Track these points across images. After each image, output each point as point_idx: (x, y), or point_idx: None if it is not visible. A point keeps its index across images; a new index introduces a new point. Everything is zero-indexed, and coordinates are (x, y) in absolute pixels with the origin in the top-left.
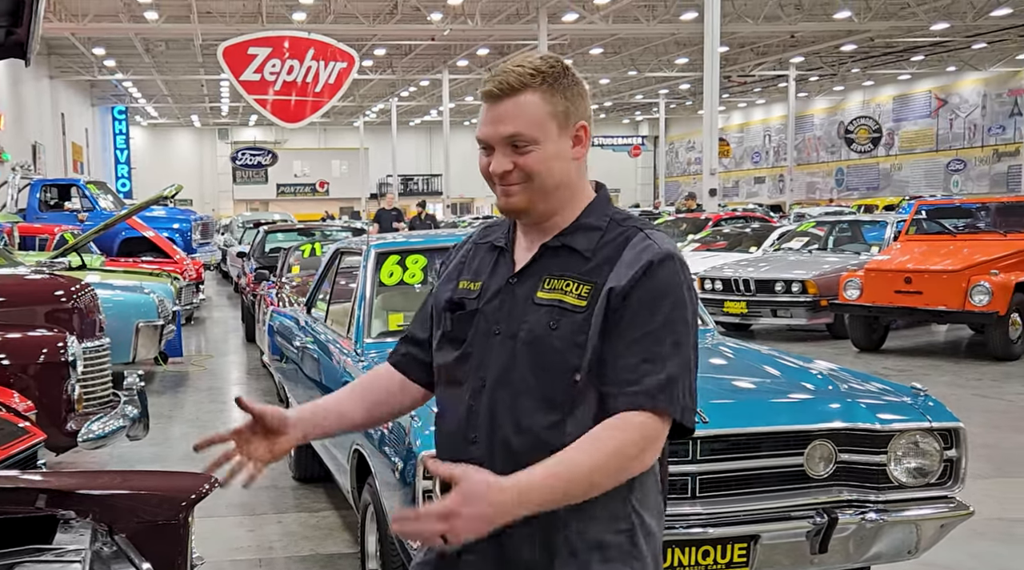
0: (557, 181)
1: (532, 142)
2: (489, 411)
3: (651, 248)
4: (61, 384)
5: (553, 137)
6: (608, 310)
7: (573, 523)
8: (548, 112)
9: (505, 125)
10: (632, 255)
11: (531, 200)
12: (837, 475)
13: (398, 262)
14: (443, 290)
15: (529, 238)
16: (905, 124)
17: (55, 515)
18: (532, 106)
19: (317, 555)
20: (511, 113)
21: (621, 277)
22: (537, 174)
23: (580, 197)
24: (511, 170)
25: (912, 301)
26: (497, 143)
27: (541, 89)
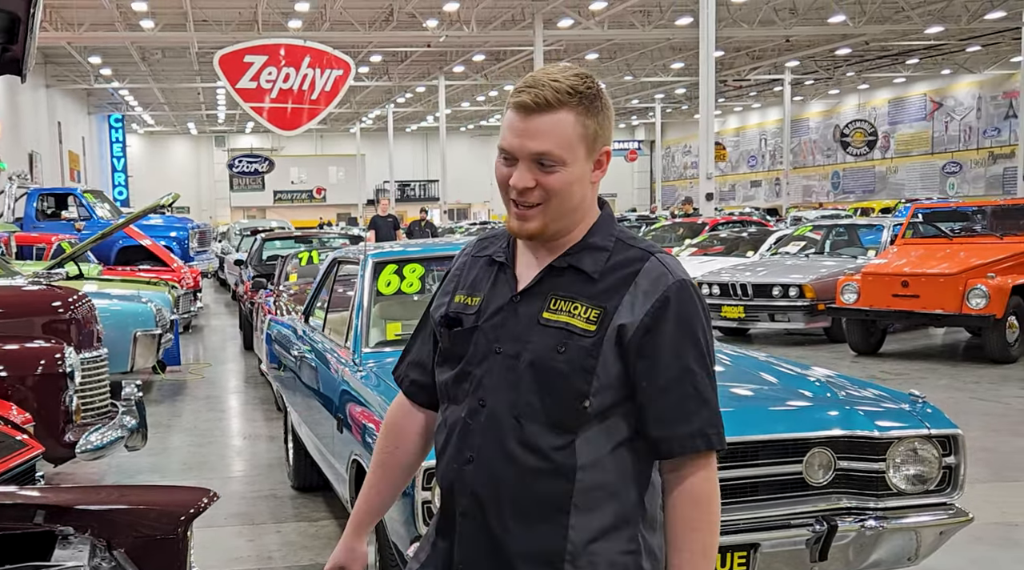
0: (575, 204)
1: (560, 163)
2: (488, 431)
3: (665, 277)
4: (59, 395)
5: (580, 160)
6: (627, 343)
7: (582, 546)
8: (580, 134)
9: (537, 141)
10: (647, 284)
11: (545, 224)
12: (836, 483)
13: (396, 271)
14: (439, 306)
15: (531, 254)
16: (900, 127)
17: (53, 531)
18: (566, 126)
19: (316, 564)
20: (544, 130)
21: (636, 308)
22: (557, 195)
23: (588, 216)
24: (533, 187)
25: (909, 305)
26: (523, 157)
27: (577, 110)
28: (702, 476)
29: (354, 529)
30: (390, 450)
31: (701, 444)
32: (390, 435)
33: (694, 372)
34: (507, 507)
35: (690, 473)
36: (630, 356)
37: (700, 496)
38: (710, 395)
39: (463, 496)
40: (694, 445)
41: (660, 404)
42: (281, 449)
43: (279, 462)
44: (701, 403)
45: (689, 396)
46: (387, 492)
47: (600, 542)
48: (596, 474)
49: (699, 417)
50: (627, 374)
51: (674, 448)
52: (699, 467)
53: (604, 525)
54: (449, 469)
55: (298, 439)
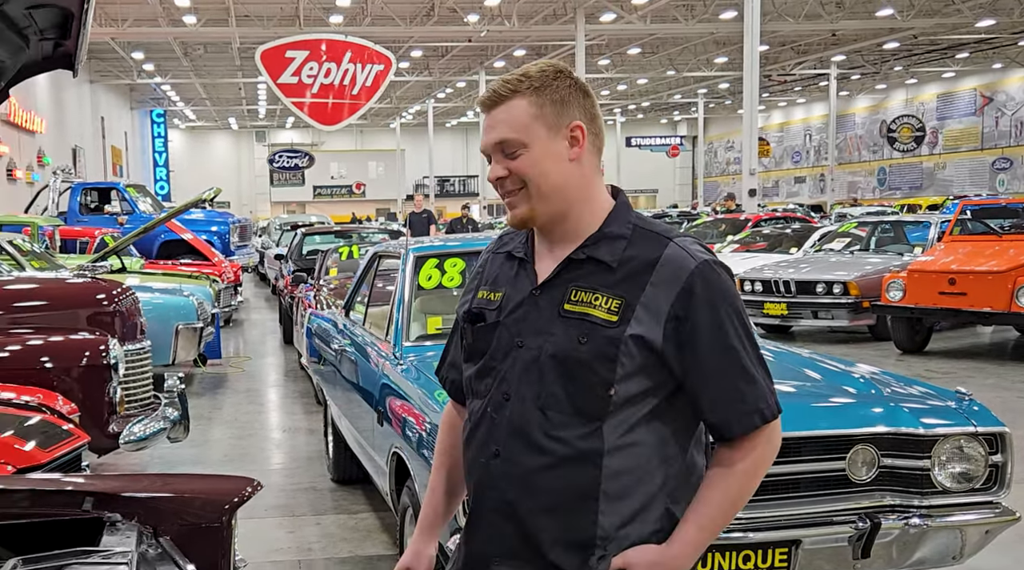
0: (553, 183)
1: (520, 146)
2: (513, 424)
3: (687, 261)
4: (103, 387)
5: (542, 139)
6: (660, 335)
7: (614, 530)
8: (533, 114)
9: (494, 132)
10: (670, 271)
11: (532, 207)
12: (880, 480)
13: (436, 265)
14: (463, 303)
15: (549, 248)
16: (949, 122)
17: (101, 518)
18: (517, 110)
19: (356, 557)
20: (499, 120)
21: (660, 296)
22: (529, 178)
23: (597, 203)
24: (505, 176)
25: (956, 302)
26: (491, 151)
27: (527, 94)
28: (762, 443)
29: (421, 532)
30: (447, 451)
31: (758, 420)
32: (446, 436)
33: (736, 350)
34: (536, 498)
35: (749, 449)
36: (665, 346)
37: (758, 458)
38: (756, 369)
39: (491, 490)
40: (752, 422)
41: (711, 390)
42: (321, 442)
43: (318, 455)
44: (749, 380)
45: (736, 376)
46: (450, 493)
47: (630, 526)
48: (623, 460)
49: (751, 394)
50: (656, 361)
51: (734, 430)
52: (759, 442)
53: (633, 509)
54: (475, 464)
55: (338, 432)
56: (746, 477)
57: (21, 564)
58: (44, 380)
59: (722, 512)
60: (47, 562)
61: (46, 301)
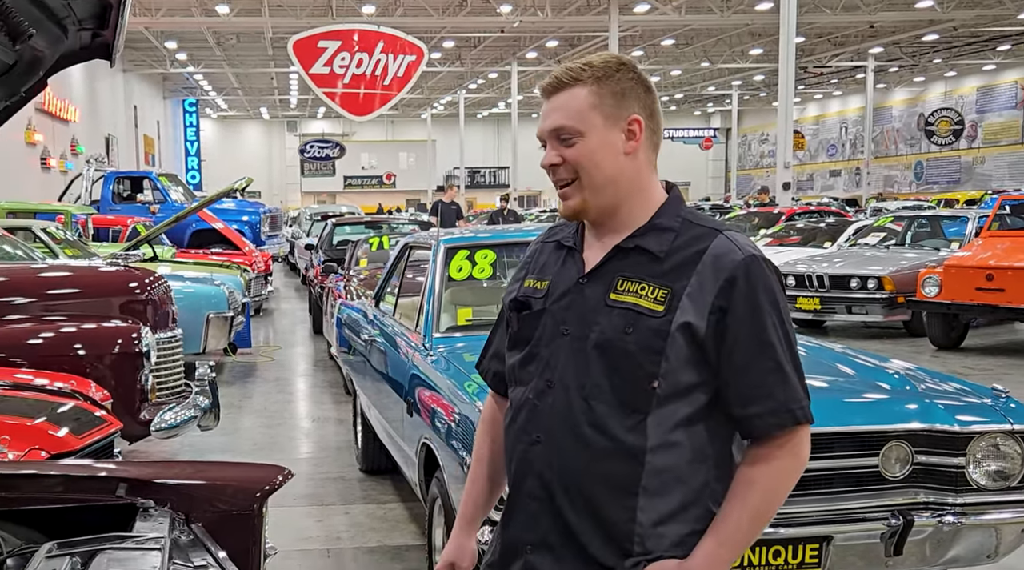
0: (607, 175)
1: (576, 134)
2: (556, 412)
3: (734, 253)
4: (135, 374)
5: (598, 129)
6: (701, 325)
7: (651, 526)
8: (591, 104)
9: (551, 119)
10: (716, 262)
11: (585, 199)
12: (914, 476)
13: (467, 257)
14: (510, 292)
15: (598, 238)
16: (989, 116)
17: (134, 504)
18: (577, 99)
19: (385, 547)
20: (557, 107)
21: (706, 287)
22: (583, 167)
23: (649, 196)
24: (559, 163)
25: (994, 299)
26: (546, 137)
27: (588, 83)
28: (789, 452)
29: (462, 525)
30: (486, 443)
31: (787, 420)
32: (484, 429)
33: (773, 345)
34: (575, 488)
35: (775, 451)
36: (707, 338)
37: (781, 471)
38: (791, 368)
39: (530, 477)
40: (780, 421)
41: (742, 383)
42: (349, 432)
43: (347, 445)
44: (783, 377)
45: (770, 371)
46: (490, 485)
47: (667, 524)
48: (666, 457)
49: (783, 392)
50: (701, 355)
51: (759, 426)
52: (785, 444)
53: (672, 508)
54: (515, 450)
55: (367, 422)
56: (769, 493)
57: (56, 548)
58: (77, 367)
59: (744, 528)
60: (82, 546)
61: (79, 289)
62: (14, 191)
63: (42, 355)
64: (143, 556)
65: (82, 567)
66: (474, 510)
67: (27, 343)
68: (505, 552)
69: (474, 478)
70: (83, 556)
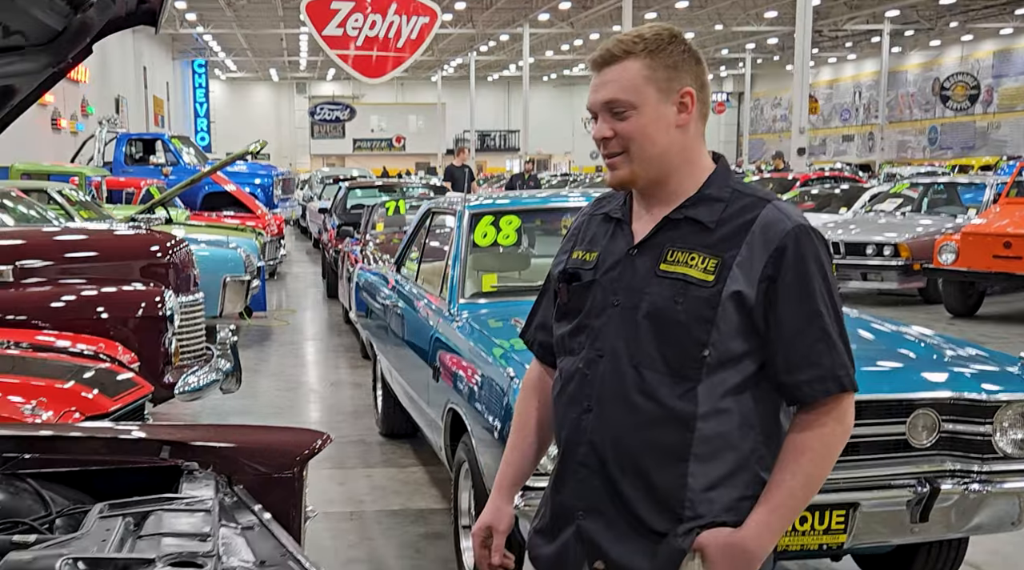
0: (660, 148)
1: (629, 107)
2: (606, 381)
3: (783, 222)
4: (159, 338)
5: (651, 102)
6: (751, 293)
7: (702, 492)
8: (645, 77)
9: (603, 91)
10: (765, 232)
11: (634, 171)
12: (940, 444)
13: (492, 223)
14: (557, 263)
15: (647, 209)
16: (1005, 80)
17: (178, 466)
18: (630, 72)
19: (407, 509)
20: (610, 79)
21: (756, 256)
22: (635, 141)
23: (698, 167)
24: (611, 136)
25: (1011, 267)
26: (598, 109)
27: (641, 56)
28: (835, 418)
29: (500, 490)
30: (529, 411)
31: (833, 387)
32: (528, 397)
33: (821, 314)
34: (626, 455)
35: (822, 418)
36: (756, 306)
37: (828, 437)
38: (838, 336)
39: (581, 445)
40: (825, 388)
41: (789, 350)
42: (366, 396)
43: (365, 409)
44: (830, 345)
45: (817, 339)
46: (530, 452)
47: (718, 489)
48: (716, 423)
49: (830, 359)
50: (750, 324)
51: (806, 393)
52: (831, 411)
53: (722, 473)
54: (566, 419)
55: (387, 387)
56: (819, 459)
57: (108, 509)
58: (100, 330)
59: (796, 495)
60: (133, 508)
61: (102, 252)
62: (25, 152)
63: (65, 318)
64: (194, 516)
65: (135, 527)
66: (513, 476)
67: (50, 306)
68: (556, 517)
69: (514, 445)
70: (135, 517)
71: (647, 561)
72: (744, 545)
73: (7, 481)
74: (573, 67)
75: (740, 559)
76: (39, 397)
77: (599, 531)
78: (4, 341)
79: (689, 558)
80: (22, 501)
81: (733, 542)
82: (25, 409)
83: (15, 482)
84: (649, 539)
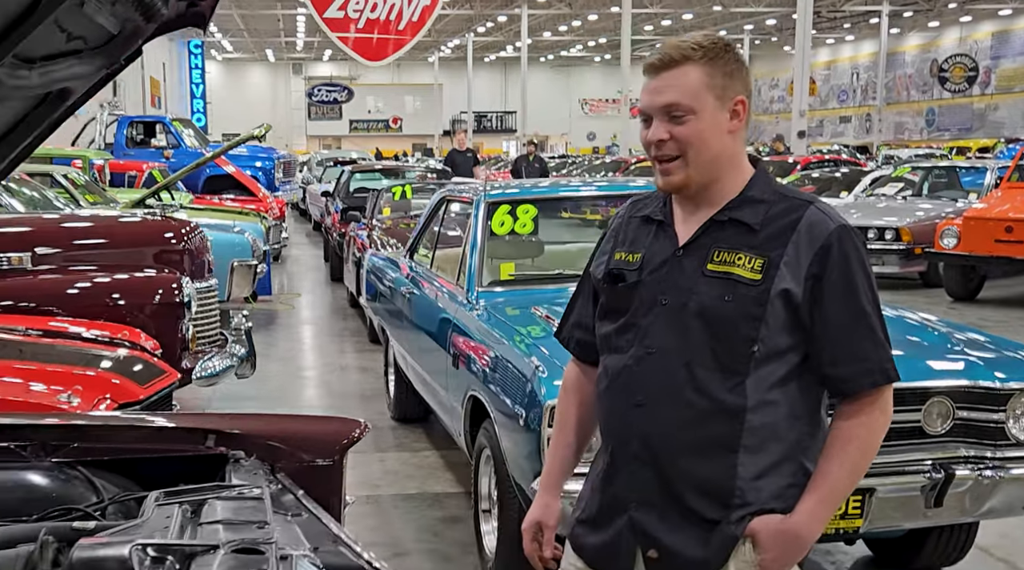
0: (713, 153)
1: (689, 112)
2: (657, 377)
3: (826, 224)
4: (176, 324)
5: (709, 109)
6: (798, 292)
7: (751, 480)
8: (705, 84)
9: (663, 95)
10: (810, 233)
11: (688, 175)
12: (954, 431)
13: (509, 212)
14: (598, 264)
15: (689, 211)
16: (1003, 62)
17: (223, 454)
18: (690, 78)
19: (423, 493)
20: (670, 84)
21: (802, 255)
22: (691, 145)
23: (741, 170)
24: (667, 139)
25: (1013, 251)
26: (655, 113)
27: (700, 63)
28: (879, 408)
29: (547, 486)
30: (571, 409)
31: (880, 379)
32: (569, 395)
33: (867, 312)
34: (678, 448)
35: (866, 408)
36: (802, 303)
37: (873, 426)
38: (881, 331)
39: (632, 439)
40: (872, 381)
41: (835, 345)
42: (375, 380)
43: (373, 393)
44: (875, 342)
45: (864, 337)
46: (574, 447)
47: (767, 478)
48: (764, 415)
49: (876, 354)
50: (796, 320)
51: (852, 386)
52: (875, 401)
53: (770, 463)
54: (615, 414)
55: (400, 372)
56: (864, 447)
57: (163, 497)
58: (118, 317)
59: (843, 482)
60: (187, 496)
61: (118, 239)
62: None
63: (84, 305)
64: (248, 504)
65: (192, 515)
66: (559, 472)
67: (68, 293)
68: (607, 509)
69: (558, 443)
70: (191, 504)
71: (700, 548)
72: (796, 531)
73: (58, 469)
74: (570, 48)
75: (792, 545)
76: (74, 385)
77: (652, 521)
78: (28, 328)
79: (740, 544)
80: (74, 488)
81: (785, 529)
82: (61, 397)
83: (66, 470)
84: (701, 527)
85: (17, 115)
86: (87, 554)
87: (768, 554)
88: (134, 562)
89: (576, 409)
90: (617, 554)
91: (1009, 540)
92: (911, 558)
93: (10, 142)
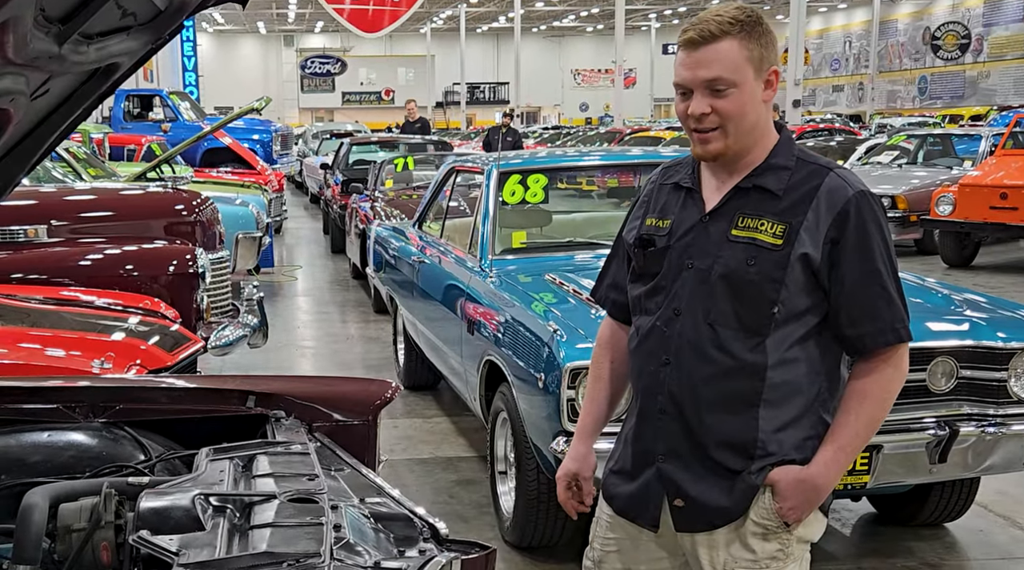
0: (751, 124)
1: (731, 86)
2: (684, 337)
3: (845, 189)
4: (191, 294)
5: (750, 81)
6: (817, 255)
7: (772, 433)
8: (746, 57)
9: (706, 69)
10: (829, 198)
11: (728, 145)
12: (958, 390)
13: (519, 182)
14: (630, 229)
15: (717, 178)
16: (996, 29)
17: (260, 415)
18: (732, 52)
19: (437, 458)
20: (711, 58)
21: (821, 221)
22: (733, 117)
23: (768, 137)
24: (709, 113)
25: (1007, 217)
26: (697, 87)
27: (739, 36)
28: (893, 364)
29: (582, 438)
30: (605, 364)
31: (892, 338)
32: (603, 351)
33: (880, 273)
34: (703, 403)
35: (881, 365)
36: (821, 266)
37: (888, 382)
38: (895, 292)
39: (660, 395)
40: (885, 339)
41: (852, 306)
42: (381, 350)
43: (380, 362)
44: (889, 301)
45: (878, 296)
46: (607, 401)
47: (787, 430)
48: (784, 372)
49: (889, 313)
50: (815, 282)
51: (867, 344)
52: (890, 358)
53: (790, 416)
54: (645, 371)
55: (410, 340)
56: (879, 401)
57: (213, 453)
58: (133, 287)
59: (860, 434)
60: (235, 452)
61: (130, 211)
62: None
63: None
64: (295, 458)
65: (243, 469)
66: (594, 424)
67: (82, 265)
68: (637, 461)
69: (593, 396)
70: (242, 459)
71: (724, 496)
72: (813, 480)
73: (106, 429)
74: (563, 18)
75: (810, 493)
76: (107, 352)
77: (678, 472)
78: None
79: (761, 492)
80: (122, 447)
81: (803, 477)
82: (94, 363)
83: (113, 429)
84: (724, 477)
85: (71, 89)
86: (153, 503)
87: (787, 502)
88: (198, 510)
89: (610, 364)
90: (646, 503)
91: (1008, 497)
92: (914, 514)
93: (61, 114)
